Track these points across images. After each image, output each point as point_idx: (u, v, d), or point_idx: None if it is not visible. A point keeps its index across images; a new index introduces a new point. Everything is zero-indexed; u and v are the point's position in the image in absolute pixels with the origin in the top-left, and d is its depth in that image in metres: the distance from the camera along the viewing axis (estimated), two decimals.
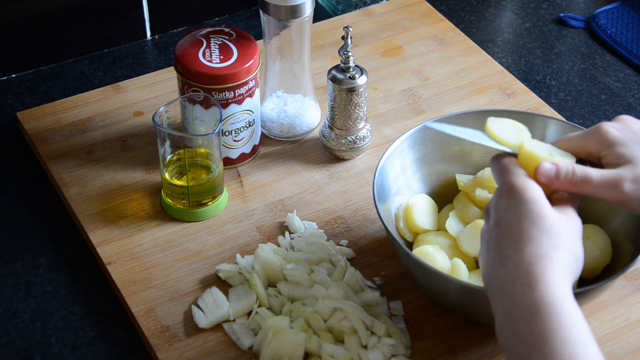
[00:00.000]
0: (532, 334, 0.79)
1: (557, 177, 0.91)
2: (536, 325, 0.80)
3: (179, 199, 1.14)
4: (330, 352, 0.98)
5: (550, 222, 0.86)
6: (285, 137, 1.25)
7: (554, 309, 0.80)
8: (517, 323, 0.81)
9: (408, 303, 1.06)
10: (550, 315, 0.80)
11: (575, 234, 0.88)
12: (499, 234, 0.87)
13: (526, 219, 0.86)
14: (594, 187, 0.91)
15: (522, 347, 0.80)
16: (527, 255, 0.84)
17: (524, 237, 0.85)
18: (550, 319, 0.79)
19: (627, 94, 1.36)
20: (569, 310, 0.80)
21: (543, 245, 0.84)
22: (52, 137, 1.25)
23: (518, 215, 0.86)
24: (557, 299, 0.81)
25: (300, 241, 1.10)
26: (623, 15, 1.48)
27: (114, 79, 1.37)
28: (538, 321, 0.80)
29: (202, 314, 1.04)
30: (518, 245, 0.85)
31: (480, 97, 1.32)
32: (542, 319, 0.80)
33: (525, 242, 0.85)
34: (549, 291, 0.81)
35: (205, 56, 1.13)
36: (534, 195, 0.87)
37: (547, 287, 0.81)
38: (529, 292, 0.81)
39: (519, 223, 0.86)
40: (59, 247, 1.14)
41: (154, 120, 1.08)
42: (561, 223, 0.86)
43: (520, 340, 0.80)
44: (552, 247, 0.84)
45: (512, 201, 0.88)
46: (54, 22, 1.35)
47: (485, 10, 1.51)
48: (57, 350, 1.03)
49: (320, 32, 1.42)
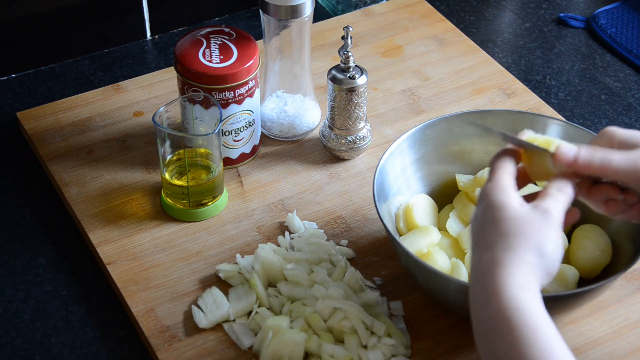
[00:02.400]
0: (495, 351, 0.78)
1: (577, 158, 0.87)
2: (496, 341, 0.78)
3: (179, 199, 1.14)
4: (330, 352, 0.98)
5: (506, 223, 0.83)
6: (285, 137, 1.25)
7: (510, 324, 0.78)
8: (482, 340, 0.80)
9: (408, 303, 1.06)
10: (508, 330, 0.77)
11: (541, 229, 0.84)
12: (472, 241, 0.86)
13: (487, 225, 0.85)
14: (614, 167, 0.87)
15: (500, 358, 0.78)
16: (484, 264, 0.82)
17: (485, 244, 0.84)
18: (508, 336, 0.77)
19: (627, 94, 1.36)
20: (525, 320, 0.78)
21: (498, 250, 0.82)
22: (52, 137, 1.25)
23: (482, 222, 0.85)
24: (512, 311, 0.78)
25: (300, 241, 1.10)
26: (623, 15, 1.48)
27: (114, 79, 1.37)
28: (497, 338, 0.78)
29: (202, 314, 1.04)
30: (480, 254, 0.84)
31: (480, 97, 1.32)
32: (500, 335, 0.78)
33: (485, 250, 0.83)
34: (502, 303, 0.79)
35: (205, 56, 1.13)
36: (495, 200, 0.85)
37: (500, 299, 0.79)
38: (486, 306, 0.80)
39: (483, 230, 0.85)
40: (59, 247, 1.14)
41: (154, 120, 1.08)
42: (522, 221, 0.84)
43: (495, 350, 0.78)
44: (506, 249, 0.82)
45: (479, 207, 0.87)
46: (54, 22, 1.35)
47: (485, 10, 1.51)
48: (57, 350, 1.03)
49: (320, 32, 1.42)
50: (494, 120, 1.12)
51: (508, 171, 0.89)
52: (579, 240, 1.06)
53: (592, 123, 1.31)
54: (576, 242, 1.07)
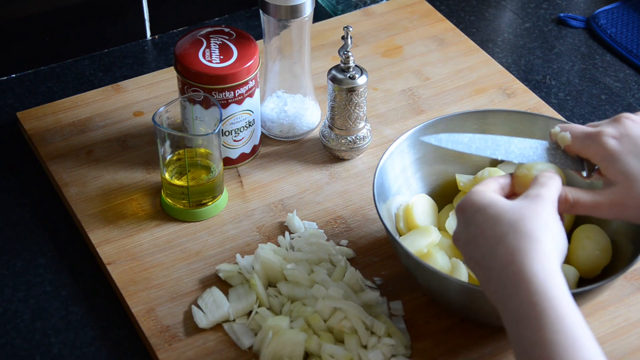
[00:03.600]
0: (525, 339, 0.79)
1: None
2: (526, 329, 0.79)
3: (179, 199, 1.14)
4: (330, 352, 0.98)
5: (509, 213, 0.84)
6: (285, 137, 1.25)
7: (539, 309, 0.78)
8: (513, 329, 0.80)
9: (408, 303, 1.06)
10: (536, 317, 0.78)
11: (543, 210, 0.85)
12: (472, 250, 0.86)
13: (487, 223, 0.85)
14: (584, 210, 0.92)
15: (522, 353, 0.79)
16: (502, 256, 0.83)
17: (493, 240, 0.84)
18: (536, 322, 0.78)
19: (627, 94, 1.36)
20: (553, 306, 0.79)
21: (512, 239, 0.83)
22: (52, 137, 1.25)
23: (478, 224, 0.86)
24: (540, 296, 0.79)
25: (300, 241, 1.10)
26: (623, 15, 1.48)
27: (114, 79, 1.37)
28: (527, 325, 0.79)
29: (202, 314, 1.04)
30: (491, 251, 0.84)
31: (480, 97, 1.32)
32: (529, 322, 0.79)
33: (495, 245, 0.84)
34: (530, 290, 0.79)
35: (205, 56, 1.13)
36: (483, 201, 0.87)
37: (528, 286, 0.80)
38: (514, 296, 0.80)
39: (483, 231, 0.85)
40: (59, 247, 1.14)
41: (154, 120, 1.08)
42: (521, 208, 0.85)
43: (519, 345, 0.79)
44: (521, 237, 0.83)
45: (466, 215, 0.88)
46: (54, 22, 1.35)
47: (485, 10, 1.51)
48: (57, 350, 1.03)
49: (320, 32, 1.42)
50: (493, 120, 1.12)
51: (488, 184, 0.92)
52: (579, 240, 1.06)
53: None
54: (576, 242, 1.06)
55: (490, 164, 1.14)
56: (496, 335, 1.02)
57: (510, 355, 1.01)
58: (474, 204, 0.87)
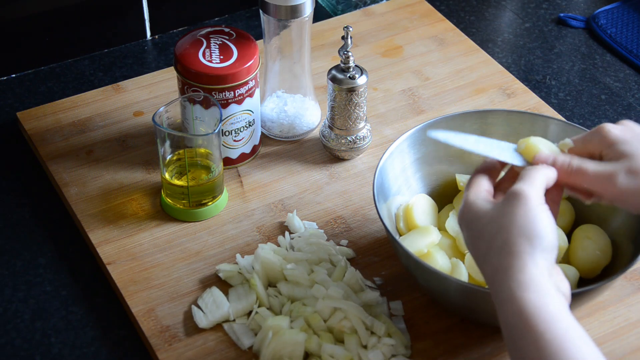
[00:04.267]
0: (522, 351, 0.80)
1: (554, 164, 0.91)
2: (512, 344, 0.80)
3: (179, 199, 1.14)
4: (330, 352, 0.98)
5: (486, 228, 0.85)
6: (285, 137, 1.25)
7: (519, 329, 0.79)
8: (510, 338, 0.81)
9: (408, 303, 1.06)
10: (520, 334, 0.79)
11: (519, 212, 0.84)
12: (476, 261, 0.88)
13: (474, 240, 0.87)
14: (589, 178, 0.90)
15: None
16: (488, 276, 0.84)
17: (480, 258, 0.86)
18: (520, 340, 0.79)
19: (627, 94, 1.36)
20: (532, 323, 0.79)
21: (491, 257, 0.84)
22: (52, 137, 1.25)
23: (467, 240, 0.88)
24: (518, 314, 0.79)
25: (300, 241, 1.10)
26: (623, 15, 1.48)
27: (114, 79, 1.37)
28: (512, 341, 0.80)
29: (202, 314, 1.04)
30: (480, 268, 0.86)
31: (480, 97, 1.32)
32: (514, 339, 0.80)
33: (482, 264, 0.85)
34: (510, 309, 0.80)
35: (205, 56, 1.13)
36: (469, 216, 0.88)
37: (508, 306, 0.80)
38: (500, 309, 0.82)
39: (473, 247, 0.87)
40: (59, 247, 1.14)
41: (154, 120, 1.08)
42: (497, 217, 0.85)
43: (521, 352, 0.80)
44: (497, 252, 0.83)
45: (462, 229, 0.89)
46: (54, 22, 1.35)
47: (485, 10, 1.51)
48: (57, 350, 1.03)
49: (320, 32, 1.42)
50: (493, 120, 1.12)
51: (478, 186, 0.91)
52: (579, 240, 1.06)
53: (592, 123, 1.31)
54: (576, 242, 1.07)
55: None
56: (496, 335, 1.02)
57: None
58: (464, 218, 0.89)
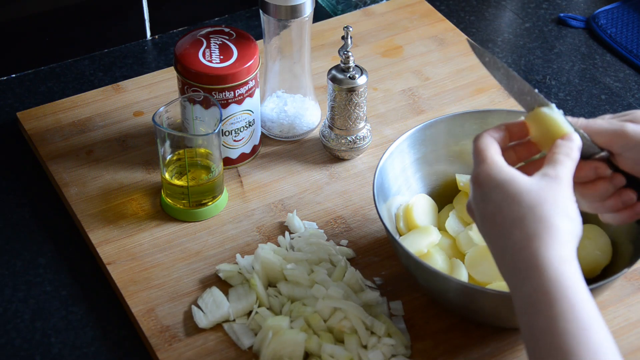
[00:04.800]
0: (535, 327, 0.78)
1: None
2: (537, 317, 0.78)
3: (179, 199, 1.14)
4: (330, 352, 0.98)
5: (528, 195, 0.83)
6: (285, 137, 1.25)
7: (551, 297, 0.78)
8: (522, 315, 0.80)
9: (408, 303, 1.06)
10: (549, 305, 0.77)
11: (561, 193, 0.83)
12: (488, 227, 0.85)
13: (505, 202, 0.83)
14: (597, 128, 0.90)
15: (530, 340, 0.78)
16: (517, 241, 0.81)
17: (510, 221, 0.82)
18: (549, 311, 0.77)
19: (627, 94, 1.36)
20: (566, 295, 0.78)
21: (529, 223, 0.81)
22: (52, 137, 1.25)
23: (496, 202, 0.84)
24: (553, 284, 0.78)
25: (300, 241, 1.10)
26: (623, 15, 1.48)
27: (114, 79, 1.37)
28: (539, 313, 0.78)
29: (202, 314, 1.04)
30: (507, 232, 0.82)
31: (481, 97, 1.32)
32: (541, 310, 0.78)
33: (512, 227, 0.82)
34: (543, 277, 0.79)
35: (205, 56, 1.13)
36: (502, 176, 0.85)
37: (541, 273, 0.79)
38: (526, 282, 0.79)
39: (500, 210, 0.83)
40: (59, 247, 1.14)
41: (154, 120, 1.08)
42: (541, 190, 0.83)
43: (528, 332, 0.79)
44: (539, 221, 0.81)
45: (484, 190, 0.85)
46: (54, 22, 1.35)
47: (485, 10, 1.51)
48: (57, 350, 1.03)
49: (320, 32, 1.42)
50: (493, 121, 1.12)
51: (496, 151, 0.89)
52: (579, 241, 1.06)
53: None
54: None
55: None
56: (496, 335, 1.02)
57: (510, 356, 1.01)
58: (493, 178, 0.85)
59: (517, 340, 1.03)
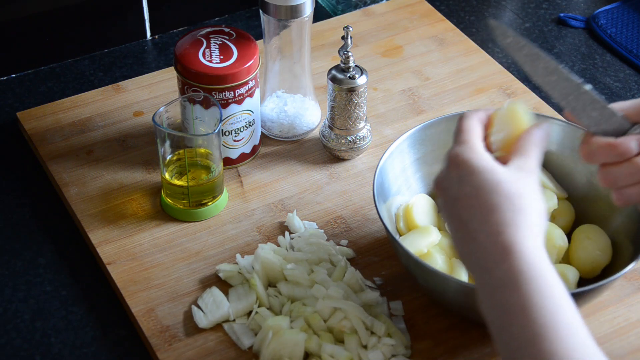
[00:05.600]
0: (509, 304, 0.79)
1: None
2: (512, 294, 0.79)
3: (179, 199, 1.14)
4: (330, 352, 0.98)
5: (507, 185, 0.84)
6: (285, 137, 1.25)
7: (528, 276, 0.79)
8: (494, 294, 0.81)
9: (408, 303, 1.06)
10: (525, 282, 0.79)
11: (533, 186, 0.86)
12: (460, 208, 0.86)
13: (483, 189, 0.84)
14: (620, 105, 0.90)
15: (501, 317, 0.80)
16: (493, 225, 0.83)
17: (486, 207, 0.84)
18: (525, 287, 0.79)
19: (627, 94, 1.36)
20: (542, 275, 0.80)
21: (506, 211, 0.83)
22: (52, 137, 1.25)
23: (474, 186, 0.85)
24: (529, 266, 0.80)
25: (300, 241, 1.10)
26: (623, 15, 1.48)
27: (114, 79, 1.37)
28: (514, 290, 0.79)
29: (202, 314, 1.04)
30: (482, 217, 0.84)
31: (481, 97, 1.32)
32: (517, 288, 0.79)
33: (489, 213, 0.84)
34: (521, 259, 0.80)
35: (205, 56, 1.13)
36: (483, 163, 0.86)
37: (518, 256, 0.81)
38: (501, 264, 0.81)
39: (477, 194, 0.84)
40: (59, 247, 1.14)
41: (154, 120, 1.08)
42: (518, 182, 0.85)
43: (500, 310, 0.80)
44: (516, 211, 0.83)
45: (462, 172, 0.86)
46: (54, 22, 1.35)
47: (485, 10, 1.51)
48: (57, 350, 1.03)
49: (320, 32, 1.42)
50: None
51: (479, 135, 0.90)
52: (579, 240, 1.06)
53: None
54: (576, 242, 1.07)
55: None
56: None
57: None
58: (472, 164, 0.86)
59: None
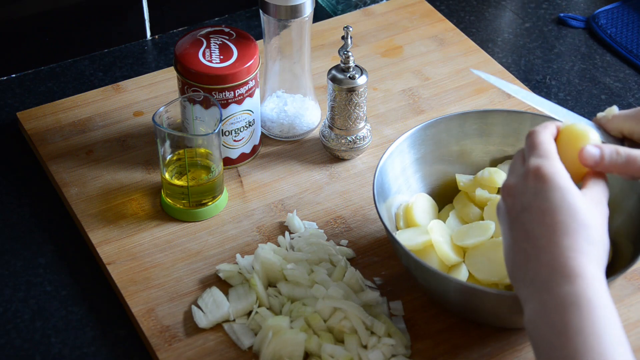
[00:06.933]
0: (567, 326, 0.79)
1: (602, 159, 0.89)
2: (573, 317, 0.79)
3: (179, 199, 1.14)
4: (330, 352, 0.98)
5: (584, 214, 0.84)
6: (285, 137, 1.25)
7: (592, 304, 0.80)
8: (553, 314, 0.81)
9: (408, 303, 1.06)
10: (588, 309, 0.79)
11: (604, 222, 0.86)
12: (530, 221, 0.85)
13: (561, 209, 0.84)
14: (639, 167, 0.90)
15: (554, 337, 0.79)
16: (565, 249, 0.83)
17: (560, 228, 0.83)
18: (587, 313, 0.79)
19: (627, 94, 1.36)
20: (605, 306, 0.80)
21: (580, 239, 0.83)
22: (52, 137, 1.25)
23: (551, 203, 0.84)
24: (595, 294, 0.80)
25: (300, 241, 1.10)
26: (623, 15, 1.48)
27: (114, 79, 1.37)
28: (575, 314, 0.79)
29: (202, 314, 1.04)
30: (554, 237, 0.83)
31: (480, 97, 1.32)
32: (579, 312, 0.79)
33: (562, 235, 0.83)
34: (588, 286, 0.81)
35: (205, 56, 1.13)
36: (565, 184, 0.85)
37: (587, 282, 0.81)
38: (567, 285, 0.81)
39: (554, 213, 0.84)
40: (59, 247, 1.14)
41: (154, 120, 1.08)
42: (593, 213, 0.85)
43: (554, 330, 0.80)
44: (589, 242, 0.83)
45: (541, 186, 0.85)
46: (54, 22, 1.35)
47: (485, 10, 1.51)
48: (57, 350, 1.03)
49: (320, 32, 1.42)
50: (493, 120, 1.12)
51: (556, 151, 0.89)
52: None
53: None
54: None
55: (490, 164, 1.14)
56: (496, 335, 1.02)
57: (510, 356, 1.01)
58: (555, 182, 0.85)
59: (517, 340, 1.03)
